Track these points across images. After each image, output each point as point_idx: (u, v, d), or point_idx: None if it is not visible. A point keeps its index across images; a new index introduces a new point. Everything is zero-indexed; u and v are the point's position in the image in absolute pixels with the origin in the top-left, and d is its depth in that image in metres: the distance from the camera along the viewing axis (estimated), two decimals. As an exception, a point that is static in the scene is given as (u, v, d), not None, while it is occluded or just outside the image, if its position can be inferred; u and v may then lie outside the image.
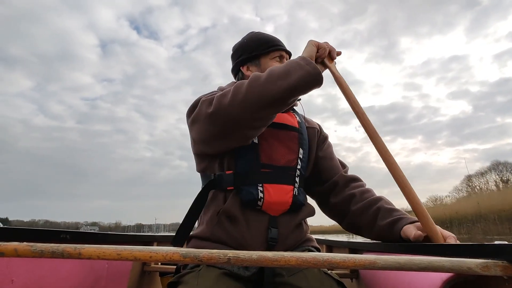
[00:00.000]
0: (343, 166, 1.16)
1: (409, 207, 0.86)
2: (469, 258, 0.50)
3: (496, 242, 0.51)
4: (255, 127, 0.90)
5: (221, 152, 0.98)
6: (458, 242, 0.84)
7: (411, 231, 0.83)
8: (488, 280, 0.65)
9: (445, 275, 0.67)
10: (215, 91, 0.99)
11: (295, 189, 0.98)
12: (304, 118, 1.16)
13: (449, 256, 0.52)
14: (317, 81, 0.85)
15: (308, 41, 0.97)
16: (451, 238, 0.79)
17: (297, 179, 0.99)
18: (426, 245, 0.75)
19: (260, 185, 0.93)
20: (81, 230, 0.98)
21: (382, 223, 0.94)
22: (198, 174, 1.09)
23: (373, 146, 0.91)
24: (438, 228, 0.81)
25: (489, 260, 0.49)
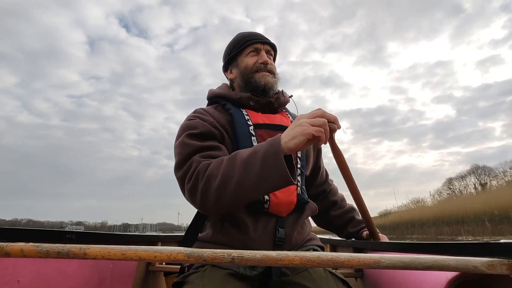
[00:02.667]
0: (327, 173, 1.35)
1: None
2: (475, 257, 0.49)
3: (502, 241, 0.51)
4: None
5: None
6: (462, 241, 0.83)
7: (366, 233, 1.21)
8: (494, 279, 0.65)
9: (450, 274, 0.66)
10: (188, 133, 0.95)
11: (299, 188, 0.97)
12: None
13: (455, 255, 0.51)
14: (288, 185, 0.80)
15: (299, 121, 0.79)
16: (385, 238, 1.18)
17: (299, 178, 0.99)
18: (431, 243, 0.75)
19: None
20: (66, 229, 0.97)
21: (352, 230, 1.27)
22: None
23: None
24: (380, 234, 1.17)
25: (495, 259, 0.48)
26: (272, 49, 1.15)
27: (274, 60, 1.18)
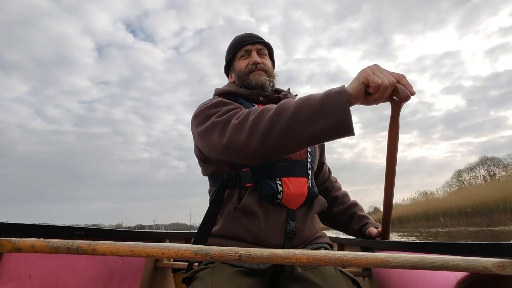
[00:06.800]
0: (329, 171, 1.34)
1: None
2: (485, 257, 0.49)
3: None
4: (265, 159, 0.88)
5: None
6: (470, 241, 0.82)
7: (372, 230, 1.15)
8: (505, 280, 0.64)
9: (459, 275, 0.65)
10: (216, 101, 0.98)
11: (309, 181, 0.99)
12: None
13: (464, 255, 0.51)
14: (346, 134, 0.73)
15: (364, 69, 0.72)
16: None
17: (309, 171, 1.01)
18: (440, 243, 0.74)
19: (278, 178, 0.94)
20: None
21: (355, 227, 1.22)
22: (197, 174, 1.10)
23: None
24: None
25: (506, 259, 0.47)
26: (265, 46, 1.16)
27: (271, 57, 1.19)
